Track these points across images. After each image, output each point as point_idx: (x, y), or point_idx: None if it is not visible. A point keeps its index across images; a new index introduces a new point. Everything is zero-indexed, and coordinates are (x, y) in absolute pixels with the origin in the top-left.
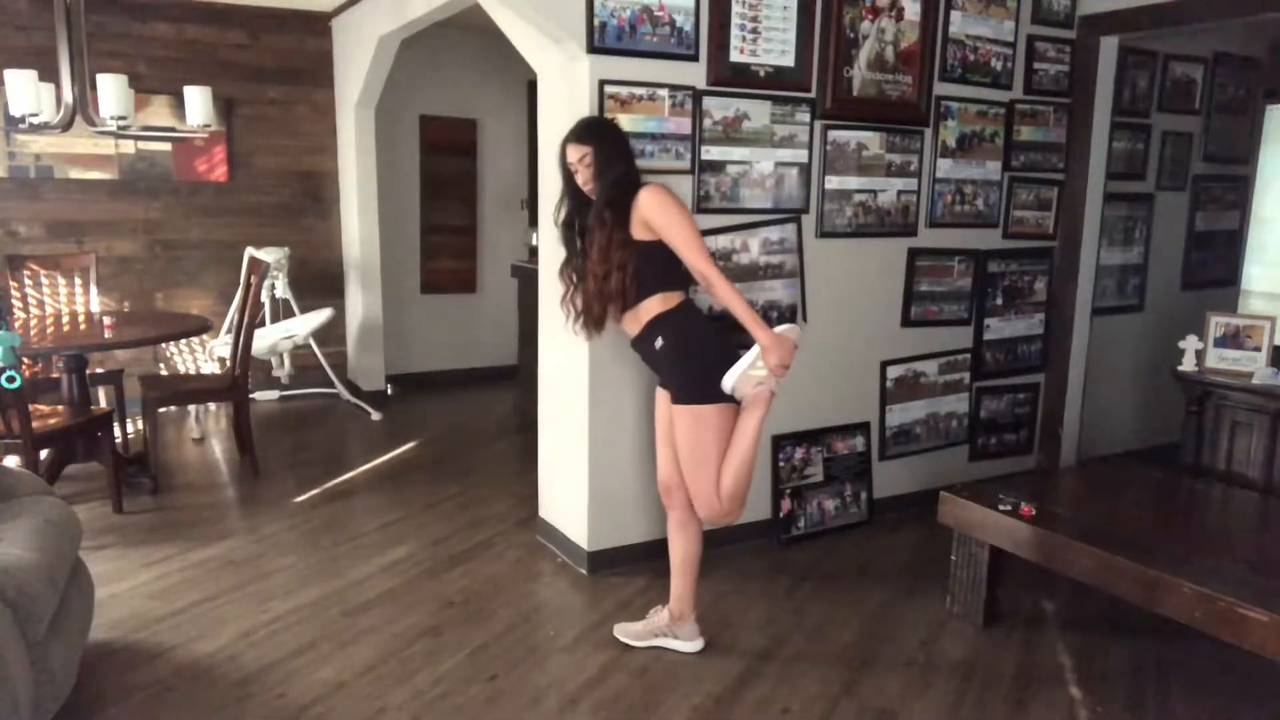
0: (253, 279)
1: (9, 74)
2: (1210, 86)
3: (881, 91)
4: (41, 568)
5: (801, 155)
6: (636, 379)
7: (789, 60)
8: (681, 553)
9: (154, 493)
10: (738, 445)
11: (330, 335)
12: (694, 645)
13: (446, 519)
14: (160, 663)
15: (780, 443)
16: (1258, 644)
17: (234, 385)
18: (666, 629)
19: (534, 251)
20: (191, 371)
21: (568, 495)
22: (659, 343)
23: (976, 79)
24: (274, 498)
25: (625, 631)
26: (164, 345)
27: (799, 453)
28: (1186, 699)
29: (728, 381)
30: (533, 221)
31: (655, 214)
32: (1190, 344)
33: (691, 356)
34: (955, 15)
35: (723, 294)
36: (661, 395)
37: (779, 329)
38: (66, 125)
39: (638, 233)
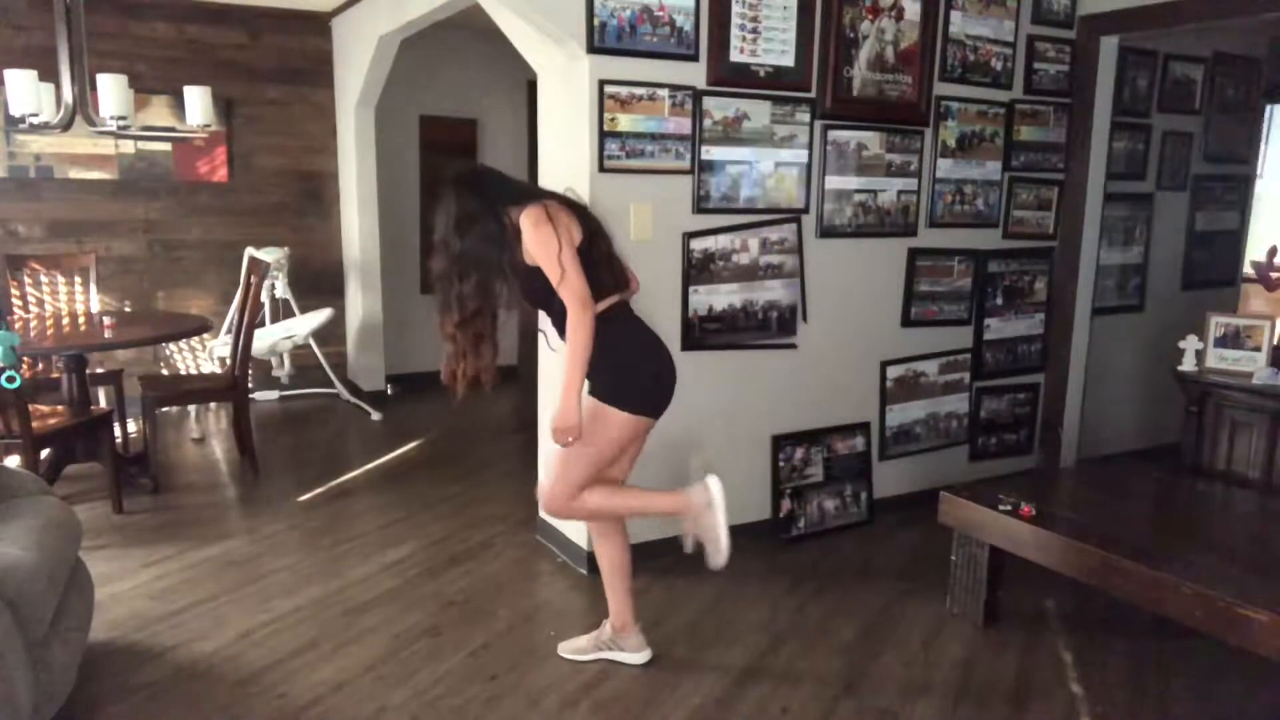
0: (253, 279)
1: (9, 74)
2: (1210, 86)
3: (881, 91)
4: (41, 568)
5: (801, 155)
6: None
7: (789, 60)
8: (609, 562)
9: (154, 493)
10: (627, 495)
11: (330, 335)
12: (640, 656)
13: (447, 519)
14: (160, 663)
15: (780, 443)
16: (1258, 644)
17: (234, 385)
18: (610, 642)
19: None
20: (191, 371)
21: None
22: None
23: (976, 79)
24: (274, 498)
25: (570, 648)
26: (164, 345)
27: (799, 453)
28: (1186, 699)
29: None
30: None
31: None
32: (1190, 344)
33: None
34: (955, 15)
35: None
36: None
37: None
38: (66, 125)
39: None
